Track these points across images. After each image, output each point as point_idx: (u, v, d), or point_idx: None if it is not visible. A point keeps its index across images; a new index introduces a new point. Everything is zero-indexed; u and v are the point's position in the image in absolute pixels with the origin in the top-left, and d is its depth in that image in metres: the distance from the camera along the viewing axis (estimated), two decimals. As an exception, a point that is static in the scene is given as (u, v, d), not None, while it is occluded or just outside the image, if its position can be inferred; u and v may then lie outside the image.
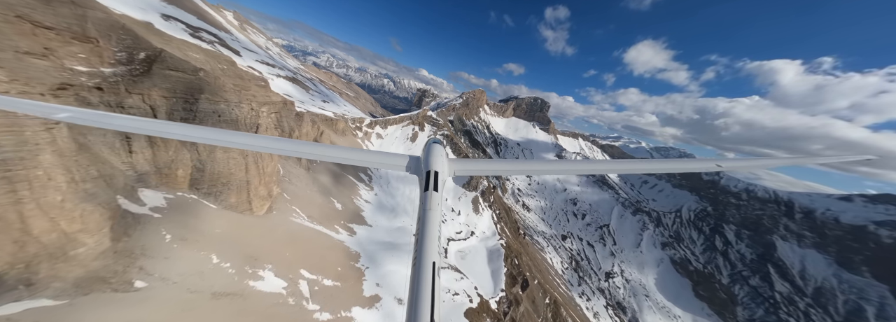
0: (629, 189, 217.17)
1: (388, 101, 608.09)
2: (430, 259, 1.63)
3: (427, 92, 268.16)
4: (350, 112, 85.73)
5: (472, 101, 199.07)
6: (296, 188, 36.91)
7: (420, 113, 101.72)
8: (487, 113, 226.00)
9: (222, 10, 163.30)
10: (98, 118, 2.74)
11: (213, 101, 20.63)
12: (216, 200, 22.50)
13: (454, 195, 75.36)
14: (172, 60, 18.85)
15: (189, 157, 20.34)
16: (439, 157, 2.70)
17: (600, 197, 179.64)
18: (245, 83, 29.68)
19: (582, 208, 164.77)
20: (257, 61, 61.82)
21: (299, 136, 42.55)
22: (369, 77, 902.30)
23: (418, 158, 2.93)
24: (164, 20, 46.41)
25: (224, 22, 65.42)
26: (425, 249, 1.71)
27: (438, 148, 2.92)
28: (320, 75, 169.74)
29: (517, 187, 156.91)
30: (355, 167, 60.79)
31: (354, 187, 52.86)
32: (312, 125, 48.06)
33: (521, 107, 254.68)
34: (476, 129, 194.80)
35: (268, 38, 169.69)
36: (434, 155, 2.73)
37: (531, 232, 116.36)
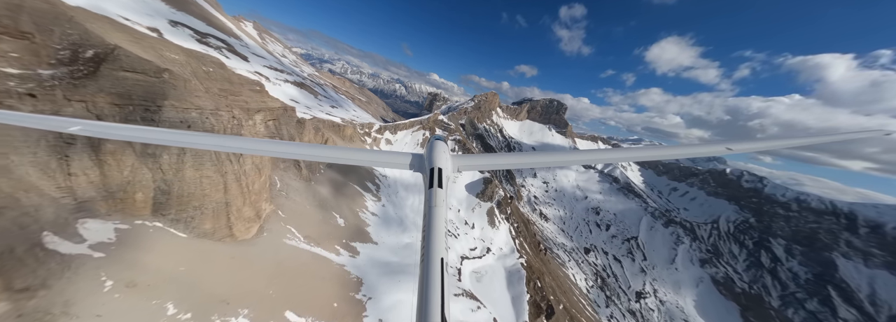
0: (657, 197, 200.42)
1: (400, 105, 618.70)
2: (437, 255, 1.65)
3: (438, 96, 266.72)
4: (360, 117, 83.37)
5: (484, 104, 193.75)
6: (293, 204, 33.18)
7: (431, 117, 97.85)
8: (500, 116, 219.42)
9: (243, 20, 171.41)
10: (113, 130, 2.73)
11: (180, 109, 16.91)
12: (187, 228, 18.66)
13: (467, 206, 69.62)
14: (128, 60, 15.28)
15: (151, 177, 16.62)
16: (442, 154, 2.71)
17: (626, 206, 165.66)
18: (235, 87, 26.37)
19: (606, 218, 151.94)
20: (265, 66, 60.75)
21: None
22: (382, 82, 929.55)
23: (421, 156, 2.92)
24: (171, 26, 45.71)
25: (235, 28, 65.58)
26: (433, 246, 1.72)
27: (441, 144, 2.92)
28: (334, 81, 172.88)
29: (533, 195, 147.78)
30: (361, 176, 57.11)
31: (360, 198, 48.89)
32: (316, 132, 44.89)
33: (536, 109, 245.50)
34: (488, 132, 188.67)
35: (285, 47, 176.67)
36: (437, 151, 2.74)
37: (550, 244, 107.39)
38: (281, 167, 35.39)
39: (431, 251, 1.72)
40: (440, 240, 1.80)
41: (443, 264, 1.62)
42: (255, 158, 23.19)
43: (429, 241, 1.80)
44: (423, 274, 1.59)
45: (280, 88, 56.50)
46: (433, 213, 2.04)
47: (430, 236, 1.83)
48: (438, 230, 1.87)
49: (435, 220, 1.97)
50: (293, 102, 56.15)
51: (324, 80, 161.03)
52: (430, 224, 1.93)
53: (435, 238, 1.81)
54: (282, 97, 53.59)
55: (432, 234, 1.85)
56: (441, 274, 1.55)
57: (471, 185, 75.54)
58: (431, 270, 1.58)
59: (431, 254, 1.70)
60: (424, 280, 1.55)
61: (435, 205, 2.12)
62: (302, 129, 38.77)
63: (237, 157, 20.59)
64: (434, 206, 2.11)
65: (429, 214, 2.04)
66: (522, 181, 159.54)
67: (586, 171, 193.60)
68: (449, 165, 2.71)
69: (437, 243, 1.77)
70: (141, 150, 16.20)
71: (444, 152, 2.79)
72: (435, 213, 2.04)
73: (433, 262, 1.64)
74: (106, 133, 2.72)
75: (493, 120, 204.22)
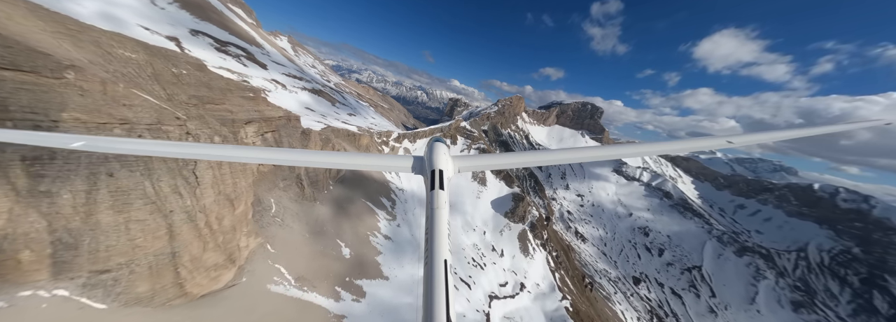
0: (719, 216, 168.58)
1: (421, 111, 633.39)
2: (441, 257, 1.70)
3: (459, 101, 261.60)
4: (378, 125, 79.56)
5: (508, 109, 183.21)
6: (288, 233, 27.46)
7: (452, 124, 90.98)
8: (526, 121, 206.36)
9: (278, 35, 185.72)
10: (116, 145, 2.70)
11: (91, 125, 11.29)
12: (107, 294, 12.86)
13: (494, 228, 60.04)
14: (6, 52, 9.97)
15: (45, 226, 11.03)
16: (442, 155, 2.77)
17: (682, 227, 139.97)
18: (215, 94, 21.40)
19: (658, 241, 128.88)
20: (284, 74, 59.52)
21: None
22: (404, 90, 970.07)
23: (422, 158, 2.98)
24: (191, 35, 45.33)
25: (259, 37, 66.47)
26: (436, 248, 1.77)
27: (441, 146, 2.97)
28: (358, 90, 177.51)
29: (566, 210, 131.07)
30: (376, 190, 51.23)
31: (371, 218, 42.59)
32: (325, 143, 40.03)
33: (567, 114, 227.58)
34: (513, 139, 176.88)
35: (316, 58, 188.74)
36: (437, 153, 2.80)
37: (590, 270, 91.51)
38: (280, 187, 30.30)
39: (435, 253, 1.73)
40: (443, 242, 1.82)
41: (446, 266, 1.66)
42: (224, 187, 17.33)
43: (432, 244, 1.82)
44: (427, 276, 1.61)
45: (295, 96, 53.99)
46: (436, 215, 2.07)
47: (434, 238, 1.86)
48: (441, 232, 1.90)
49: (438, 222, 2.00)
50: (307, 110, 53.22)
51: (349, 89, 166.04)
52: (433, 226, 1.97)
53: (438, 240, 1.83)
54: (294, 105, 50.77)
55: (435, 236, 1.88)
56: (445, 275, 1.58)
57: (498, 201, 65.94)
58: (436, 272, 1.60)
59: (435, 256, 1.71)
60: (429, 282, 1.56)
61: (437, 207, 2.14)
62: (307, 141, 33.77)
63: (190, 189, 14.71)
64: (436, 207, 2.14)
65: (431, 217, 2.06)
66: (553, 193, 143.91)
67: (629, 184, 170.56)
68: (450, 167, 2.72)
69: (441, 245, 1.79)
70: (27, 187, 10.68)
71: (445, 154, 2.80)
72: (437, 215, 2.07)
73: (437, 264, 1.65)
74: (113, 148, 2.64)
75: (517, 125, 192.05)
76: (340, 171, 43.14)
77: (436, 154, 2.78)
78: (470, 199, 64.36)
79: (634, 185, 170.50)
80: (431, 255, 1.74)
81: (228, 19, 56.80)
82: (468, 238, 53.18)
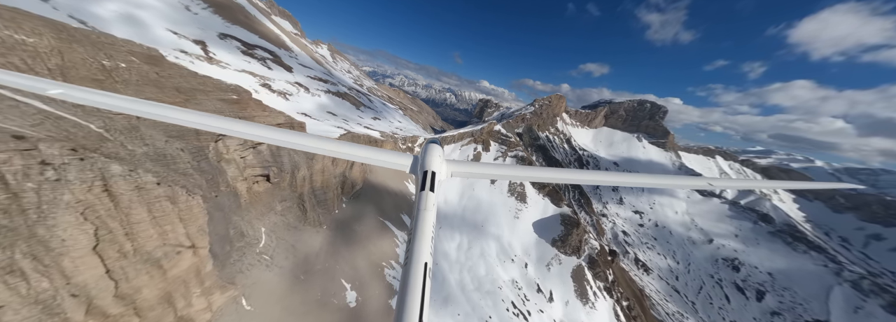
0: (842, 248, 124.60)
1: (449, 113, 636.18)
2: (422, 260, 1.70)
3: (489, 102, 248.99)
4: (404, 129, 73.93)
5: (546, 109, 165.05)
6: (275, 276, 21.14)
7: (485, 128, 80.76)
8: (567, 123, 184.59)
9: (320, 43, 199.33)
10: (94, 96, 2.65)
11: None
12: None
13: (538, 260, 48.17)
14: None
15: None
16: (436, 158, 2.84)
17: (793, 263, 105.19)
18: (168, 96, 15.62)
19: (754, 279, 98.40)
20: (309, 77, 57.24)
21: (315, 174, 28.28)
22: (434, 92, 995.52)
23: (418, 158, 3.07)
24: (220, 39, 44.43)
25: (289, 41, 66.32)
26: (418, 250, 1.77)
27: (436, 148, 3.06)
28: (390, 93, 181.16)
29: (620, 230, 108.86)
30: (395, 204, 44.18)
31: (387, 241, 35.33)
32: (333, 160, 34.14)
33: (618, 114, 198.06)
34: (552, 143, 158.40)
35: (352, 64, 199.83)
36: (431, 155, 2.87)
37: (658, 313, 71.78)
38: (276, 211, 24.53)
39: (416, 255, 1.72)
40: (426, 244, 1.81)
41: (426, 269, 1.63)
42: (135, 244, 10.70)
43: (414, 245, 1.81)
44: (404, 278, 1.59)
45: (317, 99, 50.49)
46: (422, 216, 2.07)
47: (416, 240, 1.85)
48: (425, 234, 1.89)
49: (423, 223, 2.00)
50: (328, 114, 49.26)
51: (380, 93, 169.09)
52: (418, 227, 1.96)
53: (421, 242, 1.82)
54: (311, 108, 46.90)
55: (418, 237, 1.86)
56: (423, 279, 1.57)
57: (542, 224, 53.65)
58: (413, 275, 1.58)
59: (415, 258, 1.70)
60: (405, 285, 1.54)
61: (425, 208, 2.15)
62: (312, 154, 27.76)
63: (40, 265, 8.07)
64: (423, 209, 2.14)
65: (417, 217, 2.07)
66: (602, 208, 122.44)
67: (705, 201, 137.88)
68: (443, 170, 2.77)
69: (423, 248, 1.78)
70: None
71: (438, 157, 2.86)
72: (424, 216, 2.07)
73: (416, 266, 1.64)
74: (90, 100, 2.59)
75: (557, 128, 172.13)
76: (355, 187, 37.04)
77: (429, 155, 2.77)
78: (506, 218, 53.49)
79: (714, 202, 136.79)
80: (411, 258, 1.70)
81: (259, 22, 56.79)
82: (505, 271, 42.83)
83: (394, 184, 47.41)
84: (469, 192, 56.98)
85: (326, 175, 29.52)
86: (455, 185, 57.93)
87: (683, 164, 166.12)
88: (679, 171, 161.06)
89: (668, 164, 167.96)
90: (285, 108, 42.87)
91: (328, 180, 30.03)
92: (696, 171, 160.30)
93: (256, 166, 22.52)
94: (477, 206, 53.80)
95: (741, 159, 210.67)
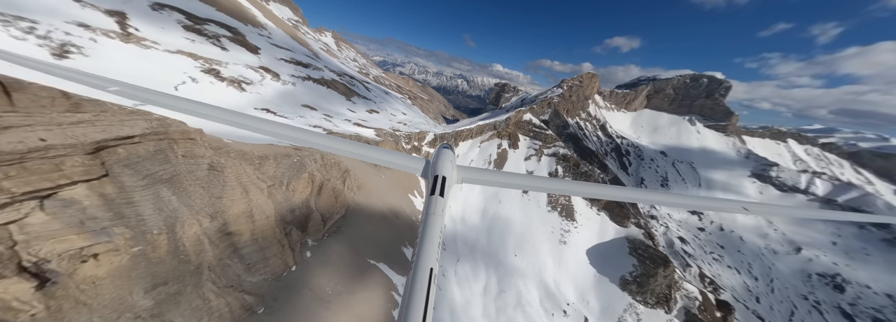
0: None
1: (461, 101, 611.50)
2: (428, 265, 1.69)
3: (506, 86, 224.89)
4: (411, 122, 59.95)
5: (576, 91, 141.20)
6: None
7: (512, 118, 63.86)
8: (601, 106, 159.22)
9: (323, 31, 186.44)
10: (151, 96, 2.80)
11: None
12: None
13: (601, 310, 33.72)
14: None
15: None
16: (447, 163, 2.85)
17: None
18: None
19: (868, 302, 75.94)
20: (281, 59, 44.34)
21: (232, 224, 15.77)
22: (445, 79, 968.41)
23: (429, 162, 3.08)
24: (153, 10, 32.01)
25: (262, 17, 52.74)
26: (424, 255, 1.77)
27: (448, 153, 3.08)
28: (398, 82, 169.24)
29: (676, 236, 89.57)
30: (399, 234, 31.68)
31: (381, 296, 23.09)
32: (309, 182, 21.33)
33: (664, 92, 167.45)
34: (584, 130, 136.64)
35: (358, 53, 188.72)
36: (442, 160, 2.89)
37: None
38: (141, 307, 12.33)
39: (422, 260, 1.72)
40: (432, 250, 1.81)
41: (431, 275, 1.64)
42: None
43: (420, 250, 1.81)
44: (409, 283, 1.60)
45: (288, 88, 37.53)
46: (430, 220, 2.09)
47: (423, 244, 1.86)
48: (432, 239, 1.90)
49: (431, 228, 2.01)
50: (305, 108, 36.56)
51: (389, 82, 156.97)
52: (426, 232, 1.97)
53: (427, 247, 1.83)
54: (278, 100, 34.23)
55: (426, 242, 1.87)
56: (428, 285, 1.57)
57: (602, 252, 38.49)
58: (418, 280, 1.58)
59: (421, 263, 1.70)
60: (410, 289, 1.55)
61: (433, 213, 2.17)
62: (222, 186, 14.90)
63: None
64: (432, 213, 2.17)
65: (425, 222, 2.09)
66: (650, 208, 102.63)
67: (786, 197, 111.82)
68: (453, 175, 2.78)
69: (429, 252, 1.78)
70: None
71: (450, 162, 2.88)
72: (432, 221, 2.09)
73: (422, 271, 1.64)
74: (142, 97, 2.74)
75: (589, 112, 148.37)
76: (331, 220, 24.59)
77: (441, 160, 2.81)
78: (548, 244, 38.84)
79: (798, 200, 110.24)
80: (418, 262, 1.68)
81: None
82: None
83: (394, 200, 34.57)
84: (494, 207, 42.48)
85: (259, 221, 16.85)
86: (476, 198, 44.07)
87: (751, 152, 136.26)
88: (746, 161, 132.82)
89: (729, 153, 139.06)
90: (233, 102, 30.47)
91: (266, 228, 17.45)
92: (768, 160, 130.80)
93: (67, 234, 10.20)
94: (506, 227, 39.39)
95: (822, 143, 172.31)
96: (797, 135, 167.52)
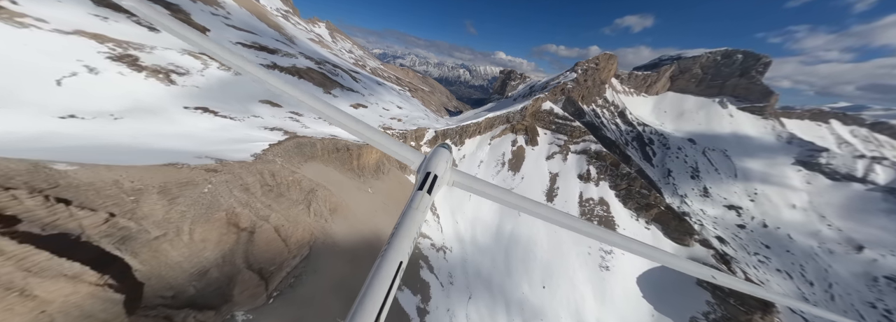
0: None
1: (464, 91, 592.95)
2: (398, 257, 1.68)
3: (512, 73, 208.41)
4: (407, 117, 50.50)
5: (591, 75, 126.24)
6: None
7: (528, 108, 53.02)
8: (618, 90, 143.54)
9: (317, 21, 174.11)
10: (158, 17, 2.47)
11: None
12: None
13: None
14: None
15: None
16: (442, 162, 2.81)
17: None
18: None
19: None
20: (237, 43, 34.99)
21: None
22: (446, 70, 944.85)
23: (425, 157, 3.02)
24: None
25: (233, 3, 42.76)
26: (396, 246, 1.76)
27: (445, 153, 3.02)
28: (398, 73, 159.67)
29: (714, 235, 78.88)
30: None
31: None
32: (228, 225, 12.77)
33: (691, 72, 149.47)
34: (601, 118, 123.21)
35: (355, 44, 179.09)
36: (438, 158, 2.86)
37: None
38: None
39: (393, 251, 1.69)
40: (406, 242, 1.78)
41: (399, 268, 1.61)
42: None
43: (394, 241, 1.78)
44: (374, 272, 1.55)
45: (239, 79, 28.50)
46: (410, 214, 2.04)
47: (398, 236, 1.82)
48: (409, 233, 1.87)
49: (409, 221, 1.97)
50: (264, 104, 27.83)
51: (387, 73, 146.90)
52: (403, 224, 1.93)
53: (402, 239, 1.80)
54: (220, 94, 25.34)
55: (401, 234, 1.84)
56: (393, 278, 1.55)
57: (657, 282, 29.19)
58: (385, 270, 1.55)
59: (391, 254, 1.67)
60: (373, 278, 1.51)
61: (415, 208, 2.11)
62: None
63: None
64: (414, 208, 2.10)
65: (405, 215, 2.04)
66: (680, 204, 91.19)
67: (839, 186, 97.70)
68: (446, 176, 2.73)
69: (402, 245, 1.75)
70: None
71: (445, 162, 2.83)
72: (412, 215, 2.04)
73: (390, 262, 1.61)
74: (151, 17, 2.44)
75: (606, 98, 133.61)
76: (279, 273, 16.35)
77: (437, 158, 2.82)
78: (585, 271, 28.42)
79: (854, 189, 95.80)
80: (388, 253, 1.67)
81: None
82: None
83: (384, 221, 26.13)
84: (510, 223, 32.39)
85: None
86: (488, 213, 34.41)
87: (795, 136, 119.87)
88: (789, 146, 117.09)
89: (767, 138, 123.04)
90: (152, 99, 21.97)
91: None
92: (816, 145, 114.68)
93: None
94: (529, 249, 29.48)
95: (870, 123, 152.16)
96: (842, 114, 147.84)
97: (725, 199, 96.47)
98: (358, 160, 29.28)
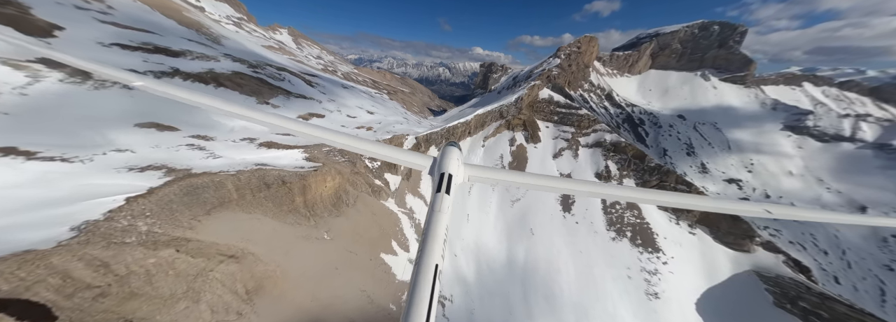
0: None
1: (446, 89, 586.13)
2: (433, 261, 1.70)
3: (493, 65, 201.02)
4: (379, 123, 41.41)
5: (575, 59, 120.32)
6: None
7: (524, 98, 44.88)
8: (602, 73, 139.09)
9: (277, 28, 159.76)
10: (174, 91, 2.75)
11: None
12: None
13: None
14: None
15: None
16: (454, 161, 2.82)
17: None
18: None
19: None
20: (112, 44, 24.57)
21: None
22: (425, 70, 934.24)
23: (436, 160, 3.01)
24: None
25: None
26: (429, 251, 1.77)
27: (454, 151, 3.02)
28: (374, 76, 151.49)
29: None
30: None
31: None
32: None
33: (670, 48, 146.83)
34: (590, 103, 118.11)
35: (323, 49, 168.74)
36: (449, 157, 2.86)
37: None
38: None
39: (427, 256, 1.72)
40: (438, 246, 1.81)
41: (436, 271, 1.64)
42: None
43: (426, 246, 1.81)
44: (414, 278, 1.60)
45: (110, 93, 18.67)
46: (436, 218, 2.08)
47: (428, 241, 1.85)
48: (437, 236, 1.89)
49: (436, 225, 2.00)
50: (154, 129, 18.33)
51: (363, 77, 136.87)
52: (431, 229, 1.96)
53: (433, 243, 1.82)
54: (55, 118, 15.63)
55: (431, 238, 1.87)
56: (433, 281, 1.57)
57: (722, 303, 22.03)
58: (423, 275, 1.59)
59: (426, 259, 1.70)
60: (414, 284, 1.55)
61: (439, 210, 2.15)
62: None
63: None
64: (438, 211, 2.14)
65: (431, 219, 2.08)
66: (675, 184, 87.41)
67: (830, 147, 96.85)
68: (460, 173, 2.75)
69: (434, 249, 1.78)
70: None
71: (456, 159, 2.82)
72: (437, 218, 2.07)
73: (427, 267, 1.65)
74: (168, 94, 2.69)
75: (592, 82, 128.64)
76: None
77: (447, 158, 2.81)
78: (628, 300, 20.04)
79: (845, 149, 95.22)
80: (422, 258, 1.70)
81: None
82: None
83: (350, 280, 17.67)
84: (523, 245, 24.49)
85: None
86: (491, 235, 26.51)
87: (779, 102, 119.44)
88: (774, 113, 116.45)
89: (752, 106, 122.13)
90: None
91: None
92: (801, 108, 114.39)
93: None
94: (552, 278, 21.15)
95: (839, 82, 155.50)
96: (812, 76, 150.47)
97: (724, 173, 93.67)
98: (303, 195, 20.28)
